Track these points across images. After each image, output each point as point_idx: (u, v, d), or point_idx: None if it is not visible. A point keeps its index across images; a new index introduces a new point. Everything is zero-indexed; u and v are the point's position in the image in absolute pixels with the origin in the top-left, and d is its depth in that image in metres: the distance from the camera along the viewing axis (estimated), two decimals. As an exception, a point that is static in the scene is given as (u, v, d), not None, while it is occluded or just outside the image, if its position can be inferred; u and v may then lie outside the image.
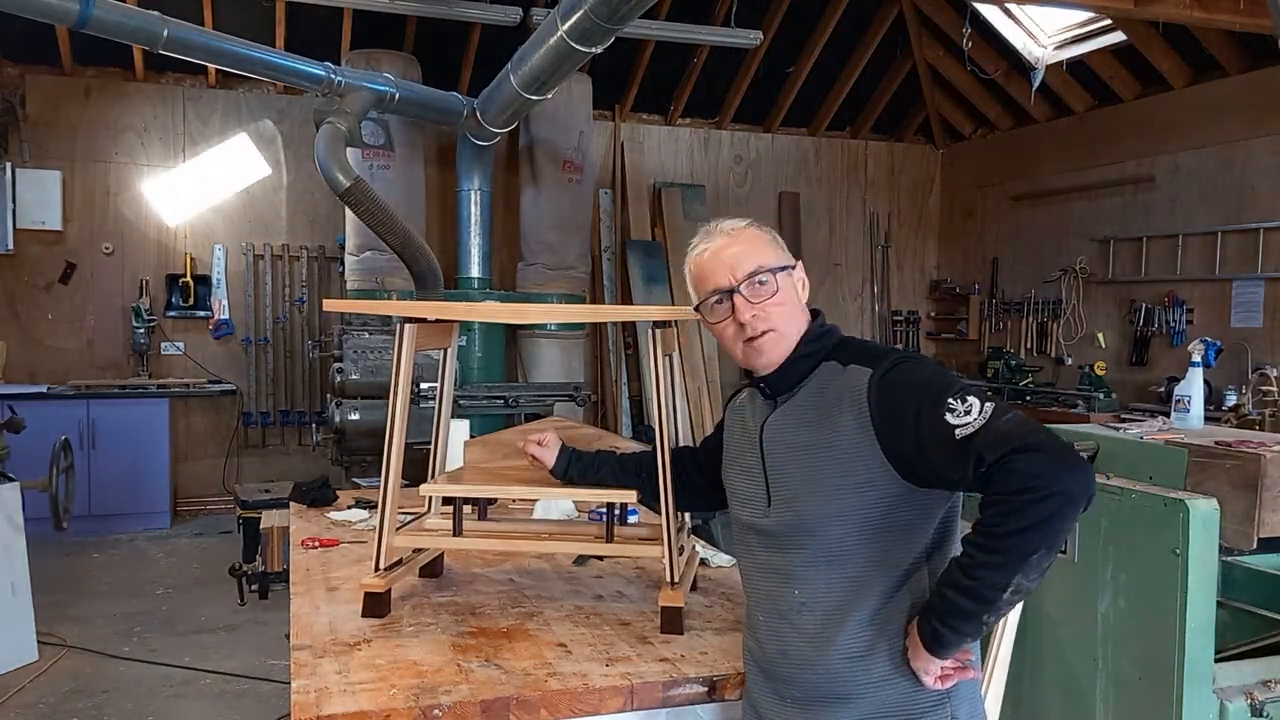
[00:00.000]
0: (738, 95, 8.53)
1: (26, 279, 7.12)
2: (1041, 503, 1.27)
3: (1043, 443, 1.29)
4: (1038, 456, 1.27)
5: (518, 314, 2.06)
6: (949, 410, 1.35)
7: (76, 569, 5.87)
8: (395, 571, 1.96)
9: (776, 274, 1.55)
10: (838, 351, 1.56)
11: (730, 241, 1.57)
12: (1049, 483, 1.26)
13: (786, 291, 1.56)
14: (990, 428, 1.32)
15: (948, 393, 1.37)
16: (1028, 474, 1.27)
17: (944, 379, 1.42)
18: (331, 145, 5.32)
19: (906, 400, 1.42)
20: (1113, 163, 7.61)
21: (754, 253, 1.56)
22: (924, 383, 1.42)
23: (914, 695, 1.46)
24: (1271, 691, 2.27)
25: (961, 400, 1.35)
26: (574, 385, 6.61)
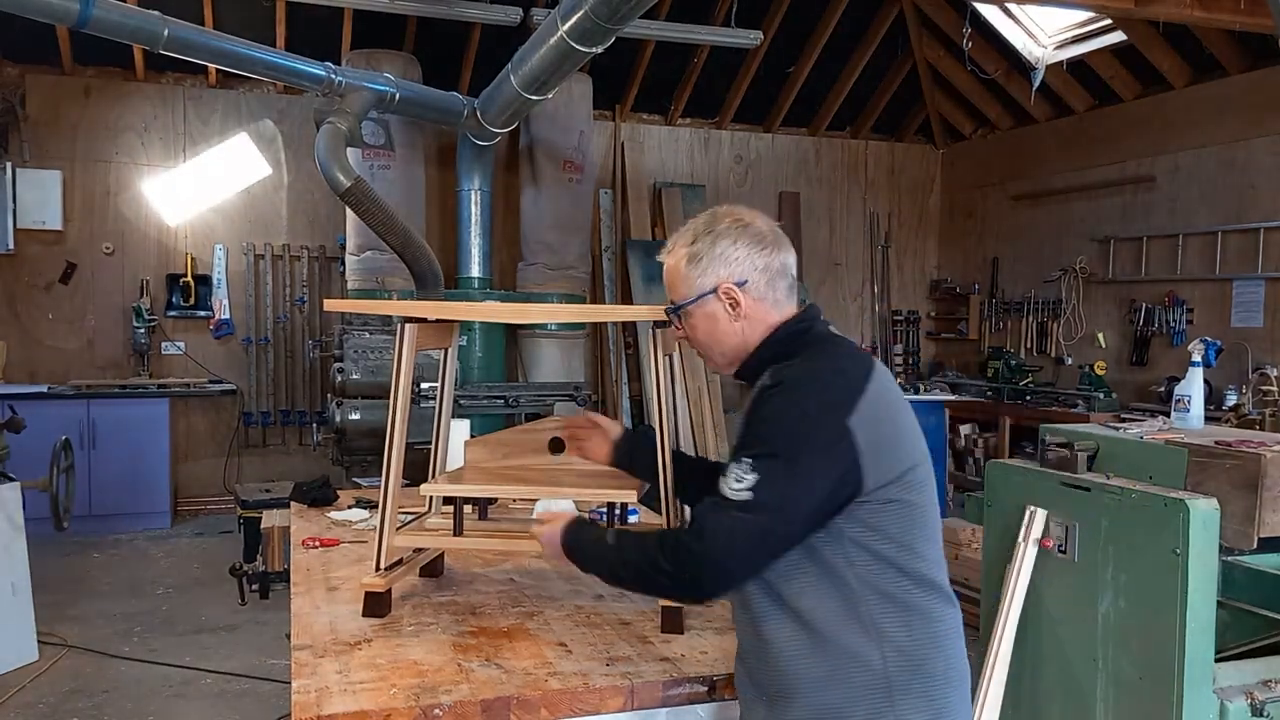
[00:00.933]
0: (738, 95, 8.53)
1: (27, 279, 7.12)
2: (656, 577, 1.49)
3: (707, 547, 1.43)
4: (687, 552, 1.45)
5: (518, 314, 2.06)
6: (737, 464, 1.44)
7: (77, 569, 5.87)
8: (396, 571, 1.96)
9: (684, 308, 1.61)
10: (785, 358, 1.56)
11: (664, 263, 1.65)
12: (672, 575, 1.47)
13: (696, 327, 1.62)
14: (724, 503, 1.43)
15: (752, 451, 1.44)
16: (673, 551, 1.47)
17: (770, 442, 1.43)
18: (332, 145, 5.33)
19: (748, 426, 1.51)
20: (1113, 162, 7.61)
21: (671, 287, 1.64)
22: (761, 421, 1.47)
23: (852, 699, 1.44)
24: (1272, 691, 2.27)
25: (750, 470, 1.42)
26: (574, 385, 6.61)
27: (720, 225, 1.61)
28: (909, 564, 1.46)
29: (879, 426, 1.44)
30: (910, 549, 1.47)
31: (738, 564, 1.44)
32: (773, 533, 1.42)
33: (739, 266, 1.59)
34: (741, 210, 1.65)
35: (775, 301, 1.60)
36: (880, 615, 1.45)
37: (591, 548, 1.63)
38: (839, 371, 1.49)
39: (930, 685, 1.46)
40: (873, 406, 1.45)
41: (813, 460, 1.41)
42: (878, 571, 1.45)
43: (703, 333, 1.62)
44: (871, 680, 1.44)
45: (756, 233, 1.61)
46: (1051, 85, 7.73)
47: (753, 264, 1.59)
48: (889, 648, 1.44)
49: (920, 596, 1.47)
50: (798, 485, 1.41)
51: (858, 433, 1.42)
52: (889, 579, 1.45)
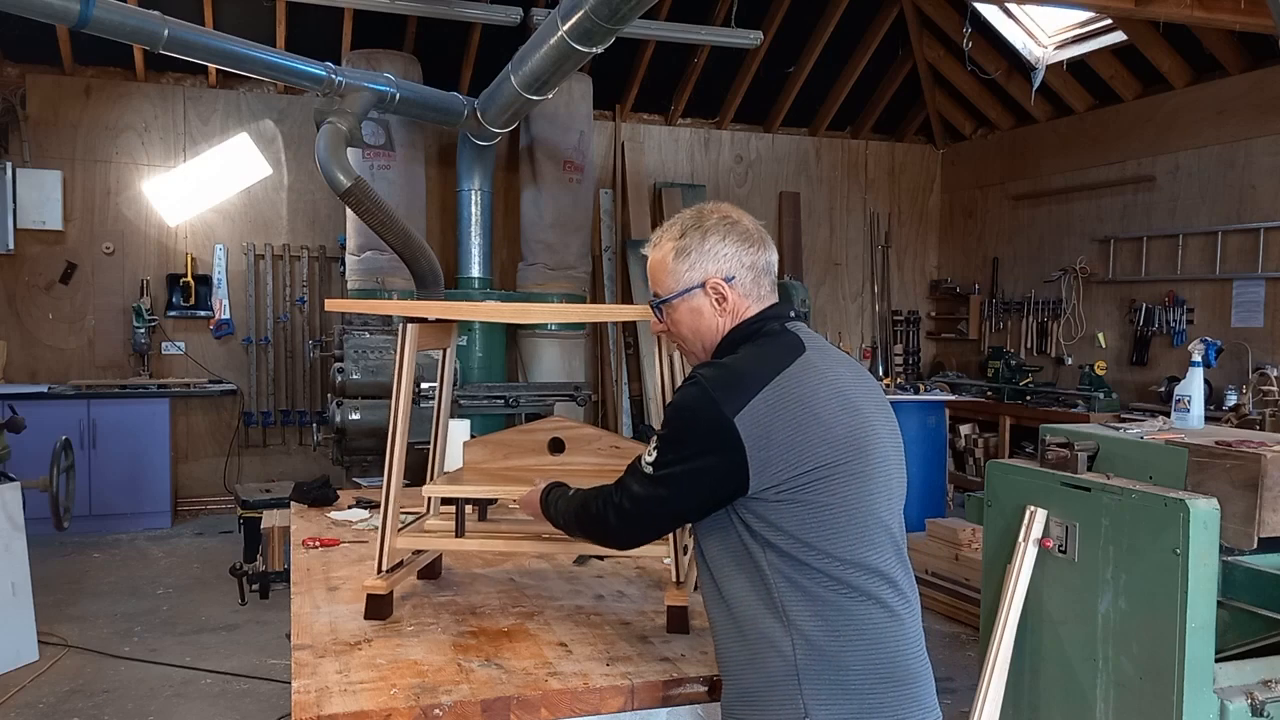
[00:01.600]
0: (738, 95, 8.53)
1: (27, 279, 7.13)
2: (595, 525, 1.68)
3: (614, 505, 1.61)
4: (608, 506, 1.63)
5: (520, 314, 2.05)
6: (651, 443, 1.58)
7: (77, 569, 5.87)
8: (397, 573, 1.96)
9: (670, 301, 1.64)
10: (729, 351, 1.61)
11: (649, 256, 1.68)
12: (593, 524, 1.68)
13: (678, 321, 1.65)
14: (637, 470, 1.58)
15: (659, 435, 1.56)
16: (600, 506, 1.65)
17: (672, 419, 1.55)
18: (332, 145, 5.33)
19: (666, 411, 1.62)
20: (1113, 162, 7.61)
21: (654, 279, 1.67)
22: (667, 417, 1.58)
23: (768, 683, 1.47)
24: (1272, 691, 2.27)
25: (655, 448, 1.55)
26: (574, 385, 6.61)
27: (709, 221, 1.62)
28: (816, 560, 1.46)
29: (774, 426, 1.46)
30: (814, 547, 1.47)
31: (642, 528, 1.63)
32: (668, 504, 1.55)
33: (727, 263, 1.61)
34: (727, 208, 1.66)
35: (758, 298, 1.63)
36: (790, 604, 1.47)
37: (558, 502, 1.78)
38: (742, 370, 1.51)
39: (849, 679, 1.46)
40: (771, 406, 1.46)
41: (698, 450, 1.48)
42: (786, 563, 1.47)
43: (686, 327, 1.64)
44: (783, 667, 1.46)
45: (744, 231, 1.63)
46: (1052, 85, 7.73)
47: (740, 261, 1.61)
48: (798, 636, 1.46)
49: (834, 591, 1.46)
50: (686, 469, 1.50)
51: (744, 431, 1.45)
52: (797, 570, 1.47)
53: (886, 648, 1.49)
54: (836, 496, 1.48)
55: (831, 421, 1.49)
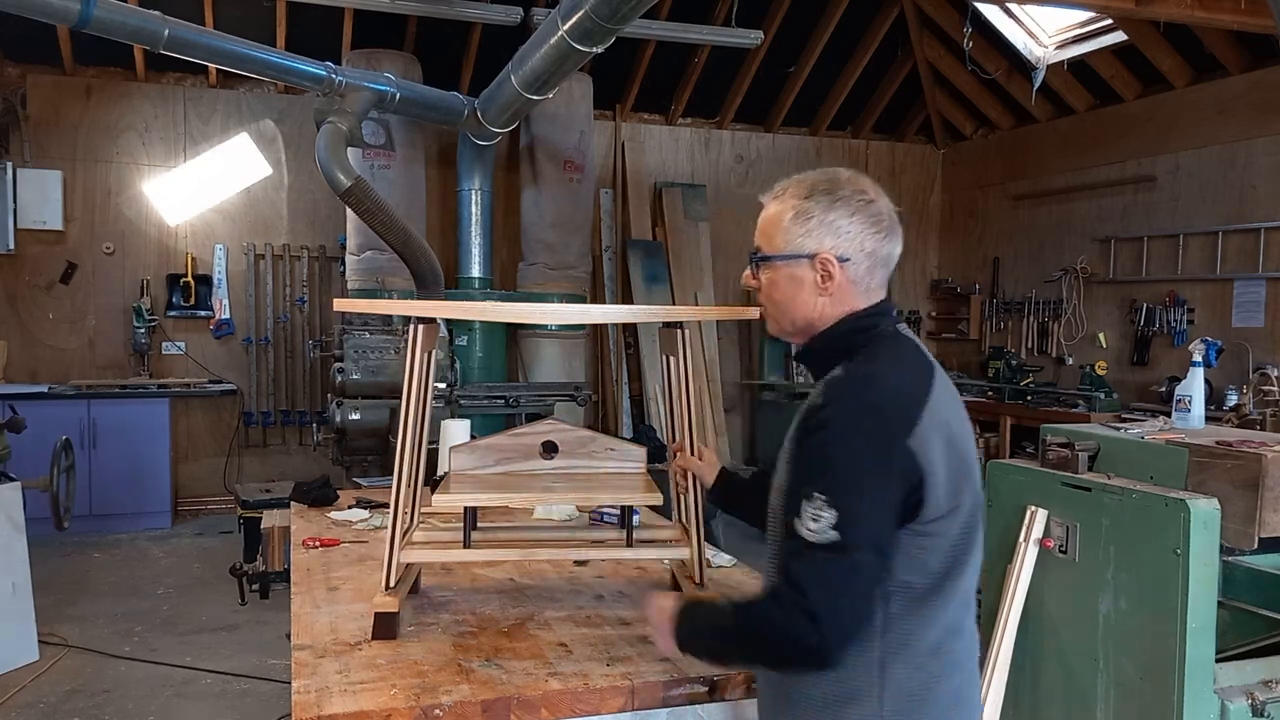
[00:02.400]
0: (738, 95, 8.53)
1: (27, 279, 7.13)
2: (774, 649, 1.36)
3: (812, 607, 1.30)
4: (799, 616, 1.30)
5: (524, 314, 2.03)
6: (809, 502, 1.32)
7: (77, 569, 5.87)
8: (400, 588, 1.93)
9: (772, 261, 1.49)
10: (855, 355, 1.45)
11: (766, 206, 1.54)
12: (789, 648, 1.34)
13: (776, 284, 1.50)
14: (813, 549, 1.31)
15: (823, 484, 1.32)
16: (783, 619, 1.32)
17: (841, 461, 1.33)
18: (332, 145, 5.33)
19: (804, 455, 1.39)
20: (1114, 162, 7.60)
21: (762, 230, 1.52)
22: (825, 450, 1.35)
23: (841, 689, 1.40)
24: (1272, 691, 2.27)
25: (826, 505, 1.31)
26: (574, 385, 6.61)
27: (842, 191, 1.46)
28: (938, 601, 1.39)
29: (933, 451, 1.35)
30: (942, 583, 1.39)
31: (850, 608, 1.32)
32: (871, 566, 1.32)
33: (847, 242, 1.45)
34: (866, 182, 1.49)
35: (866, 289, 1.48)
36: (892, 654, 1.38)
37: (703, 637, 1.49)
38: (895, 389, 1.38)
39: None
40: (933, 426, 1.36)
41: (884, 488, 1.32)
42: (911, 609, 1.38)
43: (780, 293, 1.50)
44: (863, 717, 1.39)
45: (876, 213, 1.47)
46: (1052, 85, 7.72)
47: (862, 244, 1.46)
48: (890, 688, 1.38)
49: (943, 636, 1.40)
50: (880, 516, 1.32)
51: (920, 455, 1.33)
52: (914, 616, 1.38)
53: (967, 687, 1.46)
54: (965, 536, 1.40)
55: (965, 449, 1.41)
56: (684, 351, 1.92)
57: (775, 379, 8.05)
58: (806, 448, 1.39)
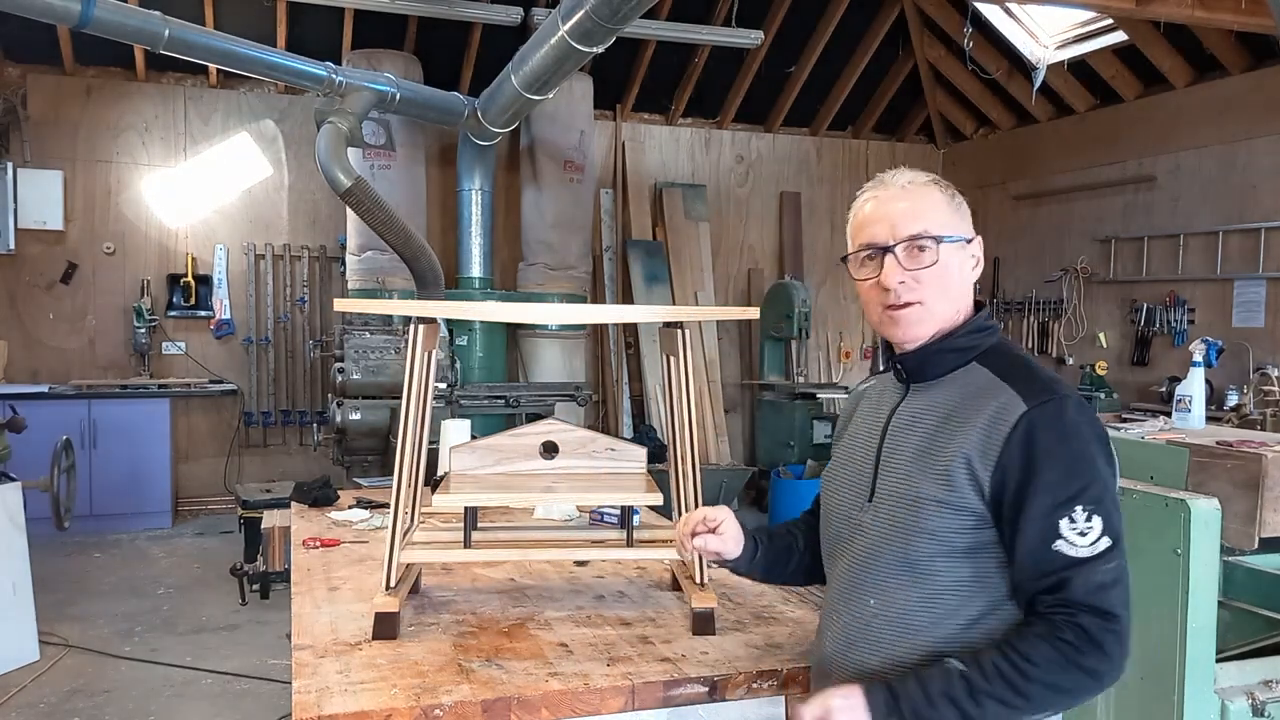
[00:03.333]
0: (739, 95, 8.53)
1: (28, 279, 7.13)
2: (1086, 682, 1.25)
3: (1122, 624, 1.25)
4: (1111, 637, 1.25)
5: (524, 314, 2.03)
6: (1070, 517, 1.27)
7: (78, 569, 5.87)
8: (401, 588, 1.93)
9: (942, 243, 1.40)
10: (991, 356, 1.41)
11: (901, 195, 1.43)
12: (1106, 670, 1.25)
13: (948, 265, 1.40)
14: (1092, 566, 1.26)
15: (1081, 498, 1.28)
16: (1095, 646, 1.24)
17: (1090, 466, 1.29)
18: (333, 145, 5.33)
19: (1041, 469, 1.29)
20: (1114, 162, 7.60)
21: (923, 213, 1.40)
22: (1069, 466, 1.28)
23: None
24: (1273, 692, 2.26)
25: (1089, 516, 1.27)
26: (575, 385, 6.61)
27: (951, 187, 1.46)
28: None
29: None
30: None
31: (1130, 614, 1.29)
32: (1128, 568, 1.30)
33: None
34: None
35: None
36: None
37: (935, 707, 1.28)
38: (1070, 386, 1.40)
39: None
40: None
41: (1114, 479, 1.34)
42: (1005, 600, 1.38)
43: (954, 276, 1.41)
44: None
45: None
46: (1053, 85, 7.73)
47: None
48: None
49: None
50: (1121, 513, 1.32)
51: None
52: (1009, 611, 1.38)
53: None
54: None
55: None
56: (684, 351, 1.92)
57: (775, 379, 8.05)
58: (1027, 449, 1.30)
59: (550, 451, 2.05)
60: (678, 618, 1.91)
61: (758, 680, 1.66)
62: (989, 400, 1.35)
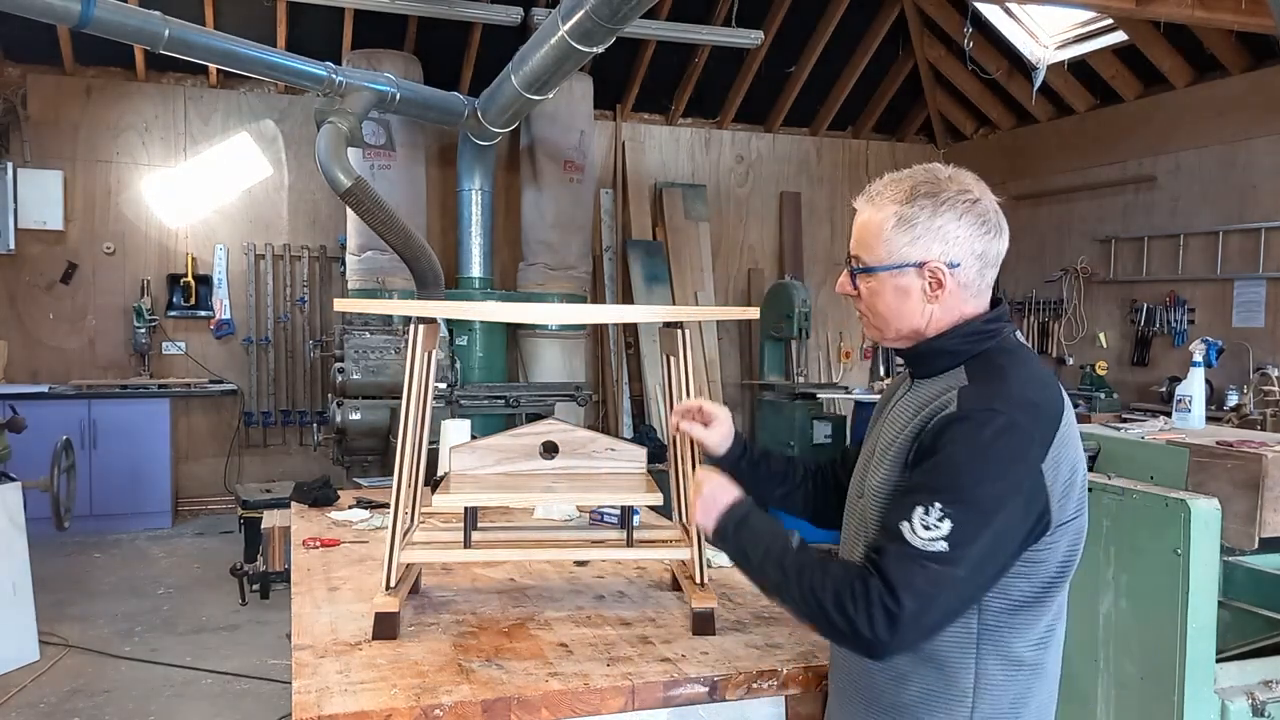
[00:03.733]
0: (739, 95, 8.53)
1: (28, 279, 7.13)
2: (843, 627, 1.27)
3: (903, 613, 1.23)
4: (882, 615, 1.24)
5: (525, 314, 2.03)
6: (925, 508, 1.26)
7: (78, 569, 5.87)
8: (401, 588, 1.93)
9: (875, 272, 1.40)
10: (977, 362, 1.39)
11: (861, 211, 1.44)
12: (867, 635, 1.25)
13: (878, 293, 1.42)
14: (915, 557, 1.25)
15: (943, 500, 1.26)
16: (866, 609, 1.25)
17: (973, 478, 1.26)
18: (333, 145, 5.33)
19: (931, 462, 1.31)
20: (1114, 162, 7.60)
21: (862, 238, 1.42)
22: (956, 465, 1.28)
23: (933, 695, 1.38)
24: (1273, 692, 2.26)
25: (941, 518, 1.25)
26: (575, 385, 6.61)
27: (946, 193, 1.38)
28: (1039, 614, 1.37)
29: (1060, 471, 1.31)
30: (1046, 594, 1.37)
31: (932, 619, 1.27)
32: (967, 585, 1.27)
33: (956, 248, 1.38)
34: (968, 179, 1.42)
35: (976, 292, 1.42)
36: (990, 664, 1.35)
37: (759, 541, 1.41)
38: (1035, 407, 1.31)
39: None
40: (1063, 447, 1.32)
41: (1010, 511, 1.26)
42: (1006, 619, 1.35)
43: (885, 305, 1.42)
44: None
45: (982, 212, 1.41)
46: (1053, 85, 7.73)
47: (971, 247, 1.39)
48: (983, 698, 1.35)
49: (1037, 649, 1.38)
50: (994, 538, 1.26)
51: (1049, 477, 1.29)
52: (1015, 628, 1.35)
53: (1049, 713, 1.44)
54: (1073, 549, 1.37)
55: (1082, 462, 1.37)
56: (684, 351, 1.92)
57: (775, 379, 8.04)
58: (932, 454, 1.30)
59: (550, 451, 2.05)
60: (678, 618, 1.91)
61: (758, 680, 1.66)
62: (940, 399, 1.36)
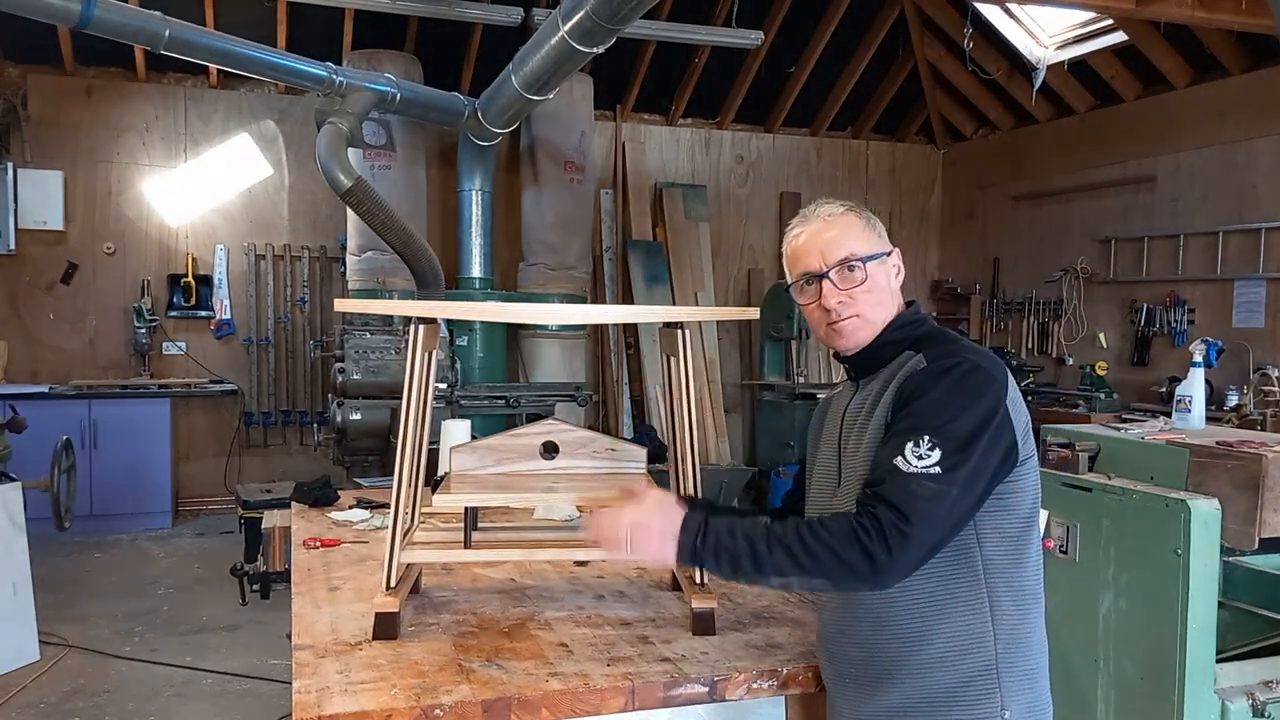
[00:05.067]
0: (739, 95, 8.53)
1: (28, 279, 7.13)
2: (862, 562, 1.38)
3: (914, 530, 1.37)
4: (897, 535, 1.37)
5: (525, 314, 2.03)
6: (916, 441, 1.42)
7: (78, 569, 5.87)
8: (401, 588, 1.93)
9: (867, 262, 1.58)
10: (922, 343, 1.57)
11: (825, 227, 1.60)
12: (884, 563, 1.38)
13: (876, 279, 1.59)
14: (912, 477, 1.40)
15: (930, 430, 1.42)
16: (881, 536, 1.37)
17: (951, 411, 1.43)
18: (333, 145, 5.33)
19: (913, 404, 1.47)
20: (1114, 162, 7.60)
21: (846, 240, 1.59)
22: (935, 403, 1.45)
23: (963, 682, 1.47)
24: (1273, 692, 2.27)
25: (931, 446, 1.41)
26: (575, 385, 6.60)
27: (865, 211, 1.65)
28: (1029, 540, 1.52)
29: (1022, 414, 1.50)
30: (1029, 527, 1.53)
31: (936, 536, 1.41)
32: (959, 505, 1.41)
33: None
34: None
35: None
36: (998, 598, 1.48)
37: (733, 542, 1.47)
38: (988, 356, 1.52)
39: (1036, 667, 1.53)
40: (1016, 396, 1.51)
41: (986, 440, 1.43)
42: (1004, 551, 1.49)
43: (881, 289, 1.60)
44: (983, 663, 1.47)
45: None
46: (1052, 85, 7.72)
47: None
48: (1000, 630, 1.48)
49: (1034, 578, 1.54)
50: (977, 462, 1.42)
51: (1014, 416, 1.47)
52: (1010, 560, 1.49)
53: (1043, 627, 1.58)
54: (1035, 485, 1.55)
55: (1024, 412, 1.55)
56: (684, 351, 1.92)
57: (775, 379, 8.05)
58: (919, 401, 1.46)
59: (550, 451, 2.05)
60: (678, 618, 1.91)
61: (758, 680, 1.66)
62: (906, 369, 1.53)
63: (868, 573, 1.39)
